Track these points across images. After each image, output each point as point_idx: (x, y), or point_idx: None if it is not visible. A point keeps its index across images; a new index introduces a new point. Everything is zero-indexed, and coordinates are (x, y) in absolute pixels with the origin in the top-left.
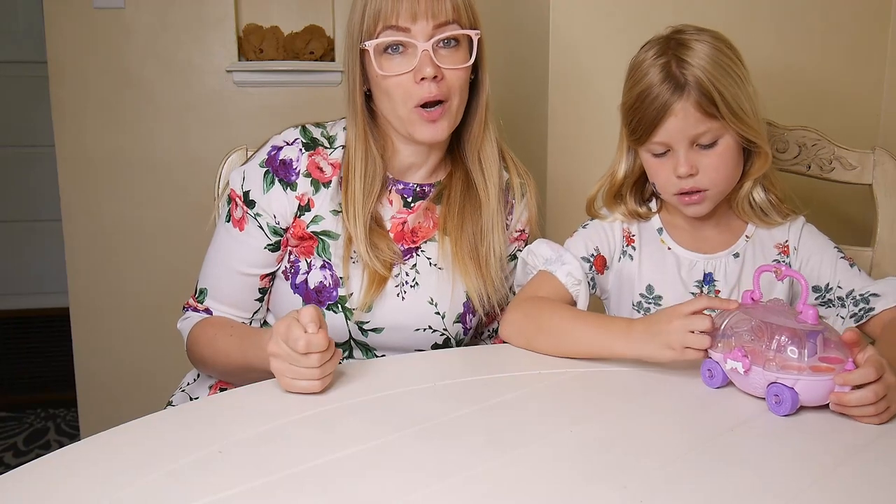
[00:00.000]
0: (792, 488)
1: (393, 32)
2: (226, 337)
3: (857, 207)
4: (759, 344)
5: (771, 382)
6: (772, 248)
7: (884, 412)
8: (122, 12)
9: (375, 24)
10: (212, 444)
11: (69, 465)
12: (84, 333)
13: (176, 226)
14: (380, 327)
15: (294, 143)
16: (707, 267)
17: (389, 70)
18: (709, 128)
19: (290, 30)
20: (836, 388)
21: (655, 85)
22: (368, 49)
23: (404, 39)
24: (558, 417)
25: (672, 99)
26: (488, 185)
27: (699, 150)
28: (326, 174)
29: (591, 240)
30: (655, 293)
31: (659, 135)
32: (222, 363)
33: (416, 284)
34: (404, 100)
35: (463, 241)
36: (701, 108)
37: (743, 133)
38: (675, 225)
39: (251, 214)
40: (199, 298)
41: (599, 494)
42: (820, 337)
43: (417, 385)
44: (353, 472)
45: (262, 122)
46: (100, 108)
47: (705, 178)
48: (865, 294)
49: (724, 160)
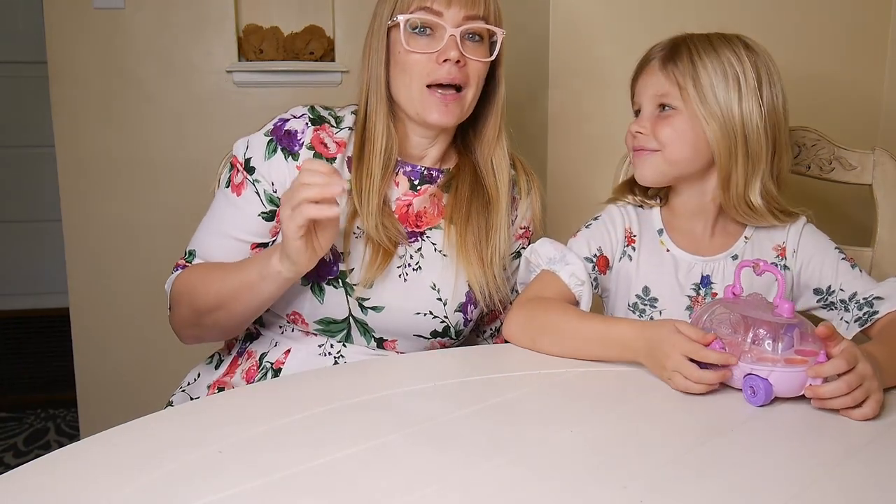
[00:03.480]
0: (792, 488)
1: (426, 13)
2: (214, 267)
3: (857, 207)
4: (737, 337)
5: (747, 374)
6: (770, 249)
7: (864, 402)
8: (121, 12)
9: (410, 3)
10: (212, 444)
11: (69, 465)
12: (84, 333)
13: (176, 226)
14: (380, 306)
15: (301, 118)
16: (705, 269)
17: (415, 47)
18: (667, 92)
19: (290, 30)
20: (809, 381)
21: (656, 45)
22: (399, 23)
23: (435, 21)
24: (558, 417)
25: (655, 55)
26: (500, 189)
27: (661, 115)
28: (330, 150)
29: (595, 239)
30: (651, 295)
31: (636, 87)
32: (214, 286)
33: (419, 268)
34: (421, 77)
35: (468, 234)
36: (666, 69)
37: (703, 124)
38: (676, 227)
39: (250, 180)
40: (187, 259)
41: (599, 494)
42: (796, 330)
43: (417, 385)
44: (353, 472)
45: (262, 122)
46: (100, 108)
47: (654, 141)
48: (869, 298)
49: (678, 134)
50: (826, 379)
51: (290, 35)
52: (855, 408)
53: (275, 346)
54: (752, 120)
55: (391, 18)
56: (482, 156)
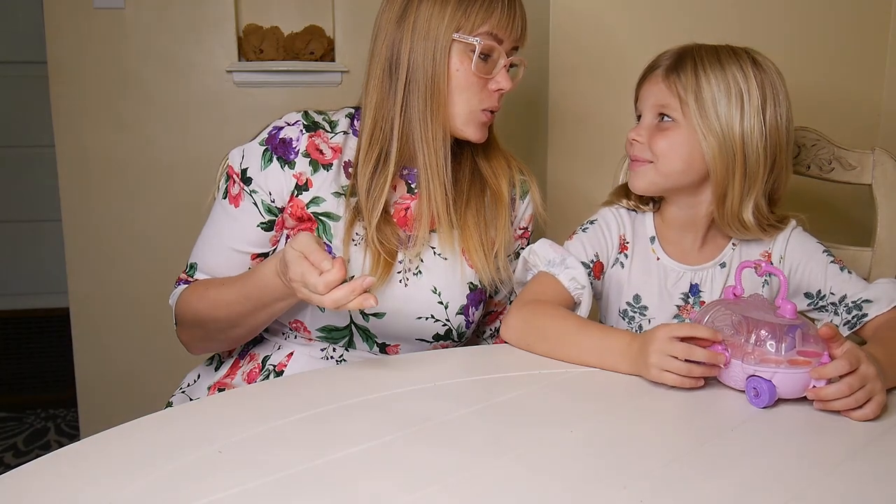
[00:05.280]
0: (792, 488)
1: (492, 39)
2: (217, 286)
3: (856, 208)
4: (738, 338)
5: (750, 375)
6: (757, 255)
7: (866, 404)
8: (121, 12)
9: (481, 23)
10: (211, 444)
11: (69, 465)
12: (84, 333)
13: (176, 226)
14: (381, 312)
15: (295, 125)
16: (694, 278)
17: (480, 71)
18: (668, 103)
19: (290, 30)
20: (811, 383)
21: (663, 53)
22: (471, 44)
23: (496, 47)
24: (558, 417)
25: (661, 63)
26: (499, 182)
27: (660, 125)
28: (326, 156)
29: (592, 245)
30: (642, 303)
31: (639, 93)
32: (223, 311)
33: (419, 272)
34: (481, 100)
35: (470, 223)
36: (669, 80)
37: (701, 139)
38: (666, 236)
39: (247, 191)
40: (189, 272)
41: (599, 494)
42: (798, 331)
43: (417, 385)
44: (353, 472)
45: (262, 122)
46: (100, 108)
47: (649, 151)
48: (858, 301)
49: (673, 147)
50: (829, 380)
51: (290, 35)
52: (857, 409)
53: (278, 349)
54: (752, 139)
55: (458, 34)
56: (479, 151)
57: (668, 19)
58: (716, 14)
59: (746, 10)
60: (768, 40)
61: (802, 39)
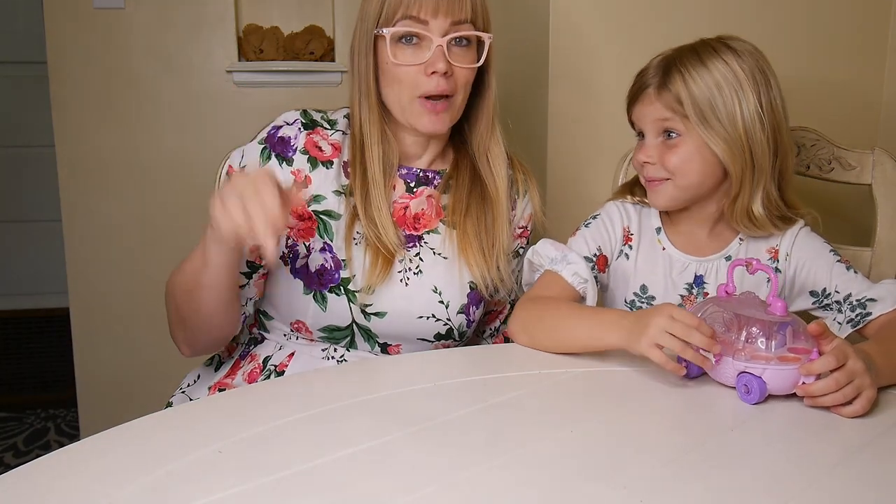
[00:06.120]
0: (791, 488)
1: (412, 23)
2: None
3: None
4: (730, 335)
5: (740, 372)
6: (763, 251)
7: (855, 400)
8: (122, 12)
9: (395, 13)
10: (211, 444)
11: (69, 465)
12: (84, 333)
13: (176, 226)
14: (383, 311)
15: (294, 123)
16: (699, 269)
17: (402, 59)
18: (668, 118)
19: (290, 30)
20: (800, 379)
21: (646, 70)
22: (385, 36)
23: (421, 32)
24: (558, 417)
25: (650, 82)
26: (498, 183)
27: (666, 142)
28: (325, 153)
29: (594, 239)
30: (649, 293)
31: (634, 114)
32: (181, 276)
33: (419, 272)
34: (411, 89)
35: (469, 230)
36: (662, 98)
37: (711, 145)
38: (673, 226)
39: None
40: None
41: (599, 494)
42: (789, 328)
43: (417, 385)
44: (353, 472)
45: (262, 122)
46: (100, 108)
47: (664, 170)
48: (862, 299)
49: (686, 161)
50: (819, 376)
51: (290, 35)
52: (846, 405)
53: (279, 349)
54: (754, 129)
55: (377, 29)
56: (478, 150)
57: (667, 20)
58: (716, 14)
59: (746, 10)
60: (768, 40)
61: (803, 39)
